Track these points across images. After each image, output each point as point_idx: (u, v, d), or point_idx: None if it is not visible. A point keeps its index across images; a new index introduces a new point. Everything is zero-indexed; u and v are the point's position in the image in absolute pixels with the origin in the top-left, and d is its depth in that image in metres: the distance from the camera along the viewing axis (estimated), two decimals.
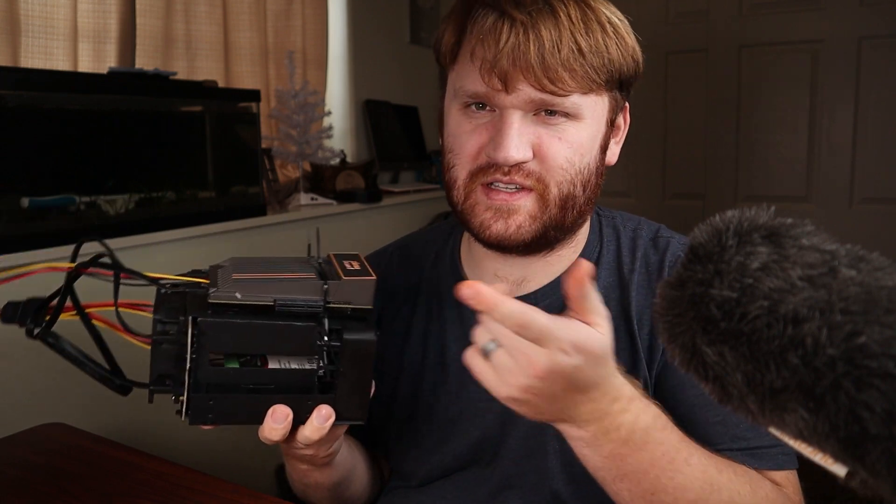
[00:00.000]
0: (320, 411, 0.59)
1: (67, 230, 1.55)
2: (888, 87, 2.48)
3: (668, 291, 0.34)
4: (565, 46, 0.67)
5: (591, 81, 0.70)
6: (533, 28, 0.67)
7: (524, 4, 0.68)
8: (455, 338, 0.82)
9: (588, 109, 0.72)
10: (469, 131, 0.73)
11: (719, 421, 0.73)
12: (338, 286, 0.57)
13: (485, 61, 0.69)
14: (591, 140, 0.74)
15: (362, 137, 2.78)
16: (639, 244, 0.81)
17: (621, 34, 0.72)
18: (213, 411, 0.57)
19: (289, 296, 0.56)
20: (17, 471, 0.87)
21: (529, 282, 0.81)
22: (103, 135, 1.66)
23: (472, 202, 0.74)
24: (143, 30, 2.06)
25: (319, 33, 2.61)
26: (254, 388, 0.58)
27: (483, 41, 0.69)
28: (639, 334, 0.76)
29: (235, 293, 0.55)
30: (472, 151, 0.73)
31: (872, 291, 0.29)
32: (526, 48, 0.67)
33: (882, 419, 0.27)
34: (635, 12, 0.81)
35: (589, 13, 0.70)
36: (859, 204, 2.57)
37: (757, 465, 0.72)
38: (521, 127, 0.70)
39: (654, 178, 2.92)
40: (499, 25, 0.68)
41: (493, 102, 0.71)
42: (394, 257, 0.92)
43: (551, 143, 0.71)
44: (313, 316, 0.56)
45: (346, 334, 0.57)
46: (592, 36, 0.69)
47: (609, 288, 0.79)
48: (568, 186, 0.72)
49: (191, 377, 0.55)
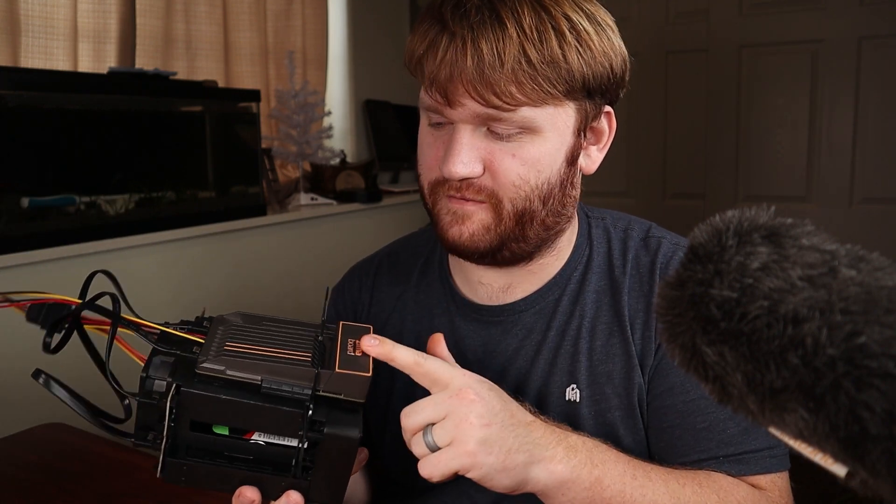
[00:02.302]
0: (289, 497, 0.58)
1: (67, 230, 1.55)
2: (888, 87, 2.48)
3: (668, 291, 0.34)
4: (510, 59, 0.65)
5: (543, 93, 0.67)
6: (473, 42, 0.65)
7: (467, 17, 0.66)
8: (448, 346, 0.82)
9: (546, 122, 0.69)
10: (429, 144, 0.73)
11: (706, 427, 0.72)
12: (329, 377, 0.56)
13: (427, 77, 0.68)
14: (552, 153, 0.71)
15: (362, 137, 2.78)
16: (629, 245, 0.80)
17: (585, 40, 0.68)
18: (185, 475, 0.57)
19: (277, 378, 0.55)
20: (17, 471, 0.87)
21: (515, 289, 0.80)
22: (103, 135, 1.67)
23: (438, 208, 0.74)
24: (143, 30, 2.06)
25: (319, 33, 2.61)
26: (232, 457, 0.58)
27: (424, 56, 0.69)
28: (632, 338, 0.75)
29: (223, 367, 0.54)
30: (431, 163, 0.73)
31: (872, 291, 0.29)
32: (463, 63, 0.65)
33: (882, 419, 0.27)
34: (635, 12, 0.80)
35: (545, 20, 0.66)
36: (859, 204, 2.57)
37: (742, 471, 0.72)
38: (472, 142, 0.69)
39: (654, 178, 2.92)
40: (439, 40, 0.67)
41: (444, 116, 0.70)
42: (382, 265, 0.91)
43: (503, 160, 0.69)
44: (299, 402, 0.55)
45: (329, 428, 0.56)
46: (546, 45, 0.66)
47: (601, 292, 0.78)
48: (523, 202, 0.71)
49: (168, 440, 0.55)
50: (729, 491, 0.70)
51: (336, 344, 0.60)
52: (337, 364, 0.57)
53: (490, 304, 0.80)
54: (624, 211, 0.89)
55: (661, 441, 0.75)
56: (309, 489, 0.58)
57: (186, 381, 0.54)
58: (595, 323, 0.77)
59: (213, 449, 0.57)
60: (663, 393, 0.74)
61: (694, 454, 0.73)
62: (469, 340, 0.80)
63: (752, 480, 0.73)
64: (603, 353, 0.76)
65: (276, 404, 0.55)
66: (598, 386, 0.75)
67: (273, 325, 0.61)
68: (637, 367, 0.75)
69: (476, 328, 0.80)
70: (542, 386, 0.77)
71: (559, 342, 0.77)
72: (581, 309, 0.78)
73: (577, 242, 0.81)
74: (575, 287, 0.79)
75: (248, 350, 0.56)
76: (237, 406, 0.54)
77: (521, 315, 0.79)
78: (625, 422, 0.75)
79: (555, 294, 0.79)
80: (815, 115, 2.60)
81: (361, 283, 0.90)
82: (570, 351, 0.77)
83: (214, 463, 0.57)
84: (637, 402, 0.75)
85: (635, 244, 0.80)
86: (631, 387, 0.75)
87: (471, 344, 0.80)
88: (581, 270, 0.80)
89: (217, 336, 0.57)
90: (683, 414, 0.73)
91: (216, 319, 0.60)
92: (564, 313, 0.78)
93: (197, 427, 0.56)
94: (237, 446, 0.57)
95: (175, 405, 0.54)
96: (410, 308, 0.85)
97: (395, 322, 0.86)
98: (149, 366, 0.55)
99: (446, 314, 0.82)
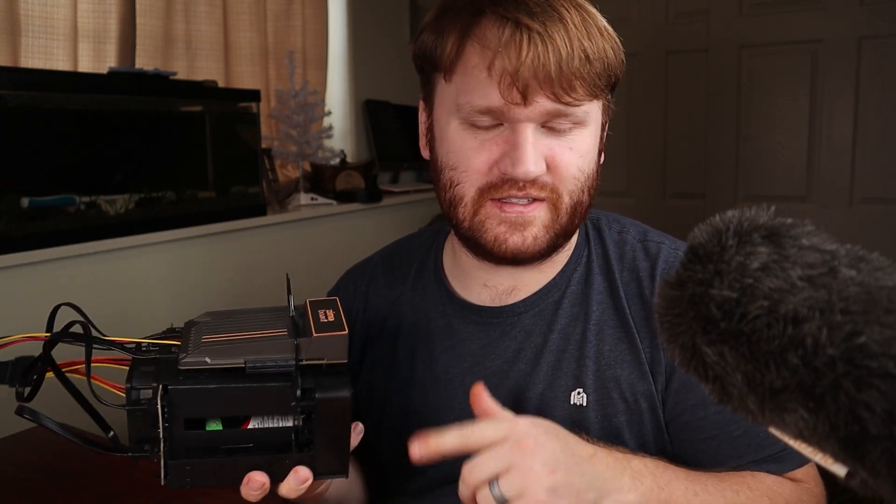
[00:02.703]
0: (297, 473, 0.58)
1: (67, 230, 1.55)
2: (888, 87, 2.48)
3: (668, 291, 0.34)
4: (576, 54, 0.66)
5: (596, 88, 0.69)
6: (550, 38, 0.66)
7: (535, 14, 0.67)
8: (443, 349, 0.81)
9: (593, 115, 0.72)
10: (475, 147, 0.71)
11: (742, 433, 0.73)
12: (309, 343, 0.56)
13: (505, 74, 0.66)
14: (594, 145, 0.74)
15: (362, 137, 2.78)
16: (626, 249, 0.80)
17: (614, 37, 0.71)
18: (190, 475, 0.57)
19: (259, 356, 0.55)
20: (17, 471, 0.87)
21: (519, 291, 0.79)
22: (103, 135, 1.66)
23: (482, 217, 0.72)
24: (143, 30, 2.06)
25: (319, 33, 2.61)
26: (232, 448, 0.58)
27: (502, 54, 0.66)
28: (640, 345, 0.75)
29: (205, 358, 0.54)
30: (483, 168, 0.71)
31: (872, 291, 0.29)
32: (546, 59, 0.65)
33: (882, 419, 0.27)
34: (635, 12, 0.81)
35: (588, 18, 0.69)
36: (859, 204, 2.57)
37: (781, 469, 0.73)
38: (535, 140, 0.69)
39: (654, 178, 2.92)
40: (517, 37, 0.66)
41: (507, 117, 0.69)
42: (378, 268, 0.90)
43: (563, 154, 0.70)
44: (286, 375, 0.55)
45: (320, 392, 0.56)
46: (594, 41, 0.68)
47: (604, 294, 0.78)
48: (578, 194, 0.72)
49: (166, 444, 0.55)
50: (777, 490, 0.72)
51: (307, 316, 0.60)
52: (313, 330, 0.57)
53: (490, 305, 0.80)
54: (624, 211, 0.88)
55: (698, 452, 0.75)
56: (314, 464, 0.58)
57: (172, 380, 0.54)
58: (602, 327, 0.77)
59: (212, 445, 0.57)
60: (695, 406, 0.74)
61: (734, 460, 0.74)
62: (467, 342, 0.80)
63: (791, 475, 0.74)
64: (611, 358, 0.75)
65: (264, 382, 0.55)
66: (605, 391, 0.75)
67: (244, 315, 0.62)
68: (648, 375, 0.75)
69: (474, 330, 0.80)
70: (545, 389, 0.76)
71: (563, 345, 0.77)
72: (586, 312, 0.77)
73: (577, 242, 0.81)
74: (577, 289, 0.79)
75: (226, 338, 0.56)
76: (227, 393, 0.55)
77: (521, 317, 0.79)
78: (630, 427, 0.75)
79: (555, 296, 0.79)
80: (815, 115, 2.60)
81: (356, 288, 0.90)
82: (575, 355, 0.76)
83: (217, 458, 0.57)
84: (645, 408, 0.75)
85: (633, 247, 0.80)
86: (638, 392, 0.75)
87: (469, 346, 0.80)
88: (582, 272, 0.79)
89: (192, 335, 0.58)
90: (719, 424, 0.73)
91: (187, 323, 0.61)
92: (567, 315, 0.78)
93: (192, 426, 0.56)
94: (235, 437, 0.57)
95: (166, 405, 0.54)
96: (406, 312, 0.85)
97: (391, 326, 0.85)
98: (132, 377, 0.55)
99: (443, 317, 0.82)
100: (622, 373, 0.75)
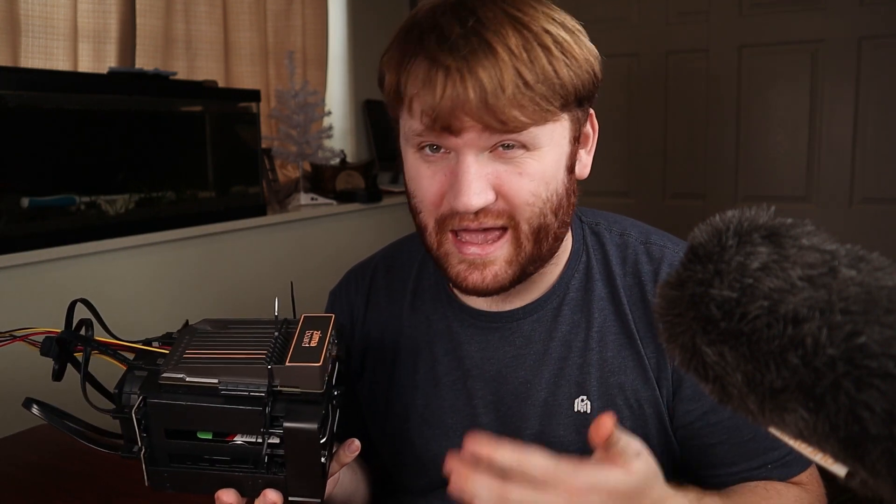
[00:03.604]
0: (265, 496, 0.59)
1: (67, 230, 1.55)
2: (888, 87, 2.48)
3: (668, 291, 0.34)
4: (509, 84, 0.63)
5: (544, 111, 0.65)
6: (470, 73, 0.62)
7: (458, 48, 0.63)
8: (444, 351, 0.81)
9: (545, 138, 0.67)
10: (428, 176, 0.70)
11: (752, 437, 0.73)
12: (281, 371, 0.57)
13: (424, 113, 0.65)
14: (555, 166, 0.70)
15: (362, 137, 2.78)
16: (628, 253, 0.79)
17: (569, 51, 0.66)
18: (169, 481, 0.60)
19: (234, 378, 0.56)
20: (17, 471, 0.87)
21: (516, 296, 0.78)
22: (103, 135, 1.67)
23: (445, 251, 0.71)
24: (143, 30, 2.06)
25: (319, 33, 2.61)
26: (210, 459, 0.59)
27: (419, 93, 0.65)
28: (643, 351, 0.75)
29: (182, 375, 0.56)
30: (435, 199, 0.69)
31: (872, 291, 0.29)
32: (465, 96, 0.62)
33: (882, 419, 0.27)
34: (635, 12, 0.80)
35: (529, 38, 0.64)
36: (859, 204, 2.57)
37: (788, 475, 0.74)
38: (479, 169, 0.66)
39: (654, 178, 2.92)
40: (432, 75, 0.64)
41: (445, 145, 0.67)
42: (378, 269, 0.90)
43: (512, 180, 0.67)
44: (257, 399, 0.56)
45: (287, 421, 0.56)
46: (537, 64, 0.64)
47: (604, 300, 0.77)
48: (538, 219, 0.69)
49: (146, 451, 0.57)
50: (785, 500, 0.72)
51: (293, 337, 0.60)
52: (289, 357, 0.57)
53: (488, 310, 0.80)
54: (624, 211, 0.87)
55: (708, 457, 0.75)
56: (287, 485, 0.59)
57: (153, 392, 0.56)
58: (604, 333, 0.76)
59: (193, 453, 0.59)
60: (707, 413, 0.74)
61: (743, 464, 0.74)
62: (467, 346, 0.80)
63: (796, 479, 0.75)
64: (614, 365, 0.75)
65: (236, 404, 0.56)
66: (609, 397, 0.75)
67: (237, 327, 0.62)
68: (653, 381, 0.74)
69: (473, 333, 0.80)
70: (548, 397, 0.76)
71: (565, 353, 0.76)
72: (587, 319, 0.77)
73: (573, 248, 0.80)
74: (576, 295, 0.78)
75: (206, 355, 0.58)
76: (201, 411, 0.56)
77: (520, 323, 0.78)
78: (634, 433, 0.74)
79: (554, 302, 0.78)
80: (815, 115, 2.60)
81: (358, 287, 0.90)
82: (577, 362, 0.76)
83: (193, 467, 0.59)
84: (650, 415, 0.75)
85: (635, 251, 0.79)
86: (643, 399, 0.74)
87: (469, 349, 0.80)
88: (580, 278, 0.79)
89: (181, 345, 0.59)
90: (730, 429, 0.74)
91: (184, 330, 0.62)
92: (567, 322, 0.77)
93: (177, 434, 0.58)
94: (215, 449, 0.59)
95: (142, 416, 0.56)
96: (407, 314, 0.85)
97: (392, 326, 0.85)
98: (123, 382, 0.58)
99: (444, 320, 0.82)
100: (626, 379, 0.75)
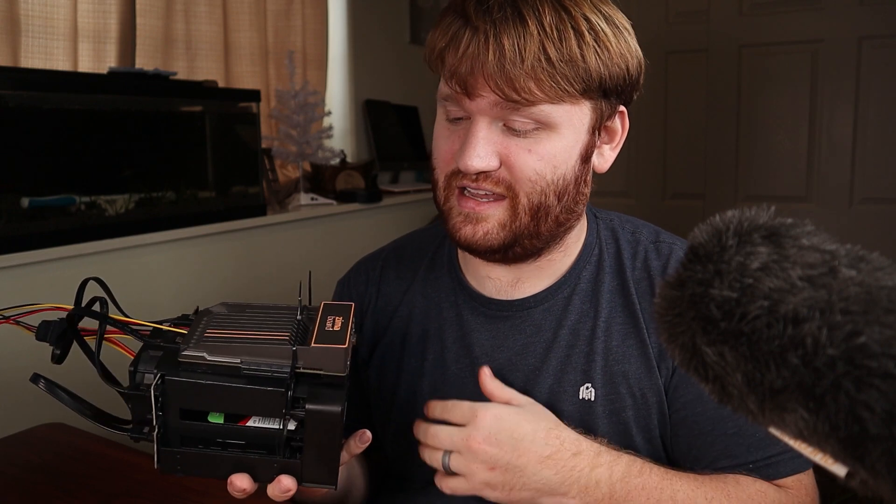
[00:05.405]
0: (279, 482, 0.58)
1: (67, 230, 1.55)
2: (888, 87, 2.48)
3: (668, 291, 0.34)
4: (530, 55, 0.66)
5: (561, 91, 0.68)
6: (495, 37, 0.66)
7: (490, 12, 0.68)
8: (454, 339, 0.82)
9: (563, 119, 0.70)
10: (446, 136, 0.75)
11: (736, 432, 0.74)
12: (306, 352, 0.56)
13: (447, 69, 0.70)
14: (568, 150, 0.72)
15: (362, 137, 2.78)
16: (639, 249, 0.81)
17: (603, 42, 0.69)
18: (180, 464, 0.58)
19: (257, 358, 0.55)
20: (17, 471, 0.87)
21: (523, 284, 0.80)
22: (103, 135, 1.66)
23: (449, 206, 0.75)
24: (143, 30, 2.06)
25: (319, 33, 2.61)
26: (224, 443, 0.58)
27: (447, 48, 0.70)
28: (649, 340, 0.76)
29: (204, 353, 0.55)
30: (447, 156, 0.74)
31: (872, 291, 0.29)
32: (485, 57, 0.67)
33: (882, 419, 0.27)
34: (635, 12, 0.80)
35: (565, 20, 0.68)
36: (859, 204, 2.57)
37: (771, 476, 0.74)
38: (488, 135, 0.70)
39: (654, 178, 2.92)
40: (461, 33, 0.69)
41: (462, 107, 0.71)
42: (389, 259, 0.92)
43: (519, 154, 0.70)
44: (280, 381, 0.55)
45: (310, 404, 0.55)
46: (566, 44, 0.67)
47: (614, 292, 0.79)
48: (539, 197, 0.72)
49: (159, 431, 0.56)
50: (757, 499, 0.72)
51: (315, 321, 0.60)
52: (314, 339, 0.57)
53: (499, 298, 0.81)
54: (624, 211, 0.89)
55: (692, 448, 0.76)
56: (301, 470, 0.58)
57: (171, 371, 0.55)
58: (610, 323, 0.78)
59: (205, 436, 0.58)
60: (693, 401, 0.75)
61: (724, 460, 0.74)
62: (476, 334, 0.81)
63: (781, 482, 0.74)
64: (619, 354, 0.77)
65: (258, 385, 0.55)
66: (613, 385, 0.76)
67: (256, 311, 0.62)
68: (655, 369, 0.76)
69: (483, 322, 0.81)
70: (554, 384, 0.77)
71: (573, 341, 0.78)
72: (595, 309, 0.79)
73: (586, 241, 0.82)
74: (587, 286, 0.80)
75: (228, 335, 0.57)
76: (221, 390, 0.55)
77: (530, 312, 0.80)
78: (638, 421, 0.76)
79: (565, 292, 0.80)
80: (815, 115, 2.60)
81: (368, 277, 0.91)
82: (584, 350, 0.77)
83: (206, 450, 0.58)
84: (652, 403, 0.76)
85: (646, 247, 0.81)
86: (646, 387, 0.76)
87: (478, 337, 0.81)
88: (592, 270, 0.81)
89: (200, 326, 0.58)
90: (714, 420, 0.74)
91: (201, 312, 0.61)
92: (576, 312, 0.79)
93: (190, 415, 0.56)
94: (229, 432, 0.57)
95: (160, 394, 0.54)
96: (418, 301, 0.86)
97: (402, 315, 0.86)
98: (138, 360, 0.56)
99: (454, 307, 0.83)
100: (630, 368, 0.76)
